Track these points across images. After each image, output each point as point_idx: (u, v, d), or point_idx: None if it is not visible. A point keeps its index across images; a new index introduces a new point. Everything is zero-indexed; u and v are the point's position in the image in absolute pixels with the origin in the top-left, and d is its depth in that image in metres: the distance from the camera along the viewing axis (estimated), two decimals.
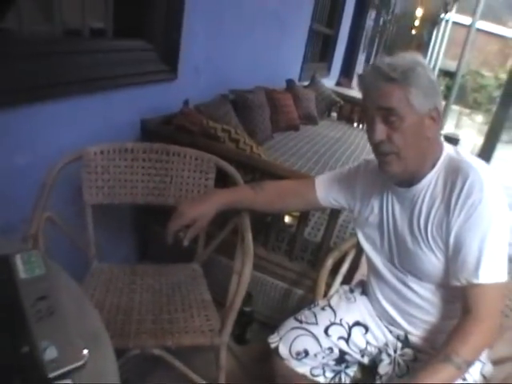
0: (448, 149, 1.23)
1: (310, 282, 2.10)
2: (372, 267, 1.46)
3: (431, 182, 1.21)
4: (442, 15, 14.50)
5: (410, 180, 1.24)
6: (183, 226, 1.46)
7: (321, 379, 1.48)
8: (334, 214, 1.95)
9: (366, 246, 1.44)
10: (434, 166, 1.21)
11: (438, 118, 1.17)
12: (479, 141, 6.01)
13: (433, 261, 1.22)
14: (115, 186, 1.78)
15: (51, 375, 0.70)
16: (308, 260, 2.14)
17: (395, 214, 1.32)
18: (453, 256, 1.16)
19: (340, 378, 1.50)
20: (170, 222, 1.46)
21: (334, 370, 1.49)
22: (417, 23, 14.40)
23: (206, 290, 1.75)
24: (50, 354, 0.73)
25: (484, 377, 1.31)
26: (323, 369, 1.48)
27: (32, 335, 0.77)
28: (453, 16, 14.77)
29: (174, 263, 1.91)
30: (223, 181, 1.87)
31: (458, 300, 1.19)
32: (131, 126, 2.20)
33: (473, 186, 1.11)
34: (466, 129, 14.19)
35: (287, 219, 2.22)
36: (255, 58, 3.78)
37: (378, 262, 1.40)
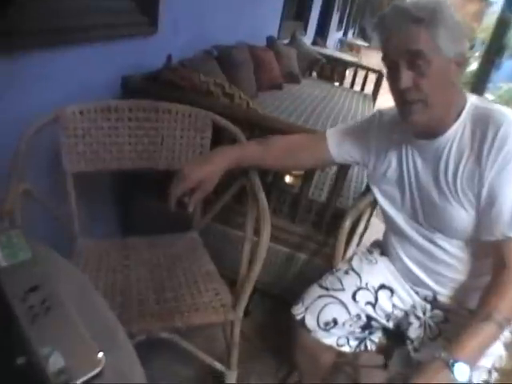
0: (471, 97, 1.16)
1: (315, 245, 1.99)
2: (392, 226, 1.37)
3: (457, 132, 1.13)
4: None
5: (433, 131, 1.16)
6: (187, 190, 1.31)
7: (345, 348, 1.41)
8: (343, 171, 1.81)
9: (385, 204, 1.35)
10: (458, 115, 1.13)
11: (464, 63, 1.10)
12: None
13: (463, 215, 1.14)
14: (98, 150, 1.58)
15: None
16: (312, 222, 1.99)
17: (417, 168, 1.24)
18: (486, 209, 1.10)
19: (366, 345, 1.44)
20: (173, 187, 1.31)
21: (357, 338, 1.42)
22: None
23: (209, 261, 1.60)
24: (56, 362, 0.55)
25: None
26: (347, 337, 1.40)
27: (28, 340, 0.58)
28: None
29: (167, 234, 1.74)
30: (220, 140, 1.70)
31: (488, 256, 1.13)
32: (110, 85, 1.96)
33: (506, 134, 1.05)
34: None
35: (288, 179, 2.07)
36: (234, 14, 3.61)
37: (400, 219, 1.32)
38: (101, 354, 0.58)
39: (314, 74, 5.76)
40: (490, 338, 1.03)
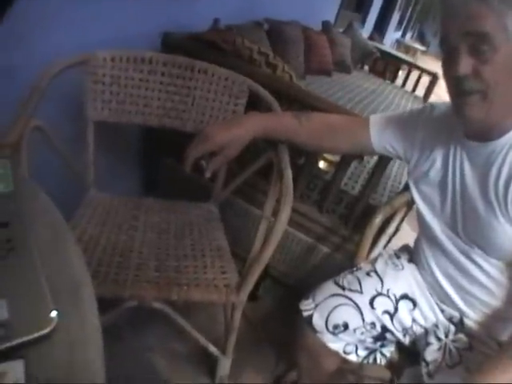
0: None
1: (339, 239, 1.87)
2: (426, 232, 1.23)
3: None
4: None
5: (489, 133, 1.02)
6: (207, 153, 1.20)
7: (352, 357, 1.28)
8: (382, 164, 1.67)
9: (422, 207, 1.21)
10: None
11: None
12: None
13: (509, 234, 1.01)
14: (125, 101, 1.50)
15: None
16: (340, 214, 1.87)
17: (464, 172, 1.10)
18: None
19: (375, 358, 1.30)
20: (192, 147, 1.21)
21: (367, 348, 1.29)
22: None
23: (222, 236, 1.50)
24: None
25: None
26: (356, 346, 1.27)
27: None
28: None
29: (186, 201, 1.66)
30: (254, 110, 1.56)
31: None
32: (150, 39, 1.88)
33: None
34: None
35: (322, 164, 1.95)
36: None
37: (436, 226, 1.18)
38: (54, 314, 0.48)
39: (366, 67, 5.60)
40: None
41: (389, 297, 1.24)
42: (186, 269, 1.29)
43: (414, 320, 1.25)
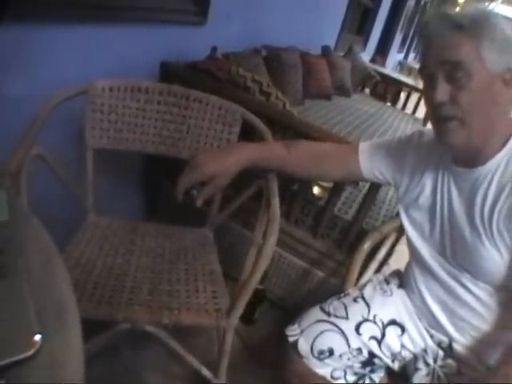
0: None
1: (334, 263, 1.89)
2: (416, 257, 1.24)
3: (500, 163, 1.02)
4: (487, 4, 14.08)
5: (474, 158, 1.05)
6: (198, 183, 1.23)
7: (341, 382, 1.28)
8: (373, 189, 1.70)
9: (412, 233, 1.23)
10: (504, 144, 1.02)
11: None
12: None
13: (495, 258, 1.02)
14: (123, 129, 1.55)
15: None
16: (334, 239, 1.90)
17: (452, 198, 1.12)
18: None
19: None
20: (183, 176, 1.24)
21: (356, 373, 1.29)
22: (458, 9, 14.04)
23: (215, 260, 1.53)
24: None
25: None
26: (345, 371, 1.28)
27: None
28: (498, 7, 14.32)
29: (183, 226, 1.69)
30: (248, 138, 1.62)
31: None
32: (149, 67, 1.96)
33: None
34: None
35: (316, 190, 1.98)
36: (292, 16, 3.58)
37: (425, 251, 1.20)
38: (38, 337, 0.51)
39: (367, 90, 5.66)
40: None
41: (375, 323, 1.25)
42: (178, 293, 1.32)
43: (402, 345, 1.26)
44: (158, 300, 1.27)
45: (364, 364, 1.27)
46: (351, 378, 1.28)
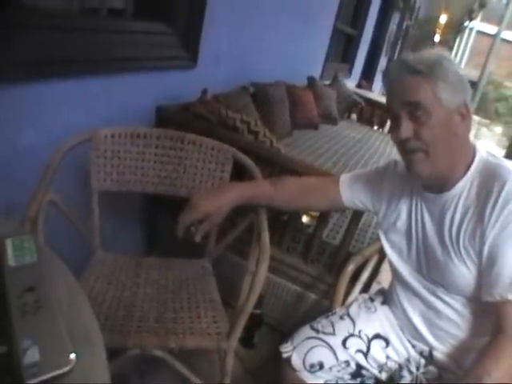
0: (482, 152, 1.16)
1: (325, 286, 2.01)
2: (398, 276, 1.36)
3: (464, 188, 1.13)
4: (466, 23, 14.33)
5: (441, 185, 1.16)
6: (195, 221, 1.36)
7: None
8: (356, 216, 1.84)
9: (392, 254, 1.35)
10: (467, 170, 1.13)
11: (468, 114, 1.10)
12: (498, 152, 5.86)
13: (464, 273, 1.13)
14: (125, 172, 1.68)
15: (30, 382, 0.59)
16: (324, 263, 2.03)
17: (424, 221, 1.23)
18: (486, 269, 1.08)
19: None
20: (182, 216, 1.36)
21: None
22: (440, 30, 14.26)
23: (215, 289, 1.65)
24: (31, 356, 0.62)
25: None
26: (337, 382, 1.38)
27: (13, 333, 0.65)
28: (477, 24, 14.61)
29: (183, 258, 1.81)
30: (239, 174, 1.77)
31: (491, 316, 1.09)
32: (146, 112, 2.11)
33: (510, 193, 1.03)
34: (485, 140, 13.96)
35: (305, 219, 2.11)
36: (278, 52, 3.72)
37: (405, 271, 1.31)
38: (73, 356, 0.64)
39: (354, 116, 5.78)
40: None
41: (360, 337, 1.35)
42: (182, 319, 1.44)
43: (387, 356, 1.35)
44: (165, 326, 1.39)
45: (353, 375, 1.37)
46: None
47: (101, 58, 1.75)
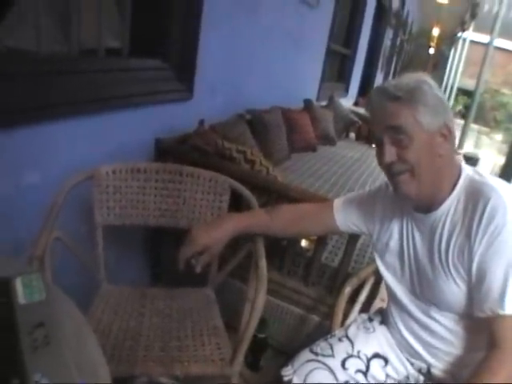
0: (467, 170, 1.19)
1: (327, 308, 2.03)
2: (393, 296, 1.39)
3: (451, 206, 1.16)
4: (459, 34, 14.50)
5: (429, 205, 1.19)
6: (195, 253, 1.42)
7: None
8: (353, 238, 1.89)
9: (387, 275, 1.38)
10: (453, 189, 1.16)
11: (450, 134, 1.13)
12: (499, 160, 5.89)
13: (455, 290, 1.16)
14: (127, 206, 1.74)
15: None
16: (325, 285, 2.07)
17: (415, 241, 1.27)
18: (476, 285, 1.10)
19: None
20: (182, 249, 1.42)
21: None
22: (434, 42, 14.41)
23: (218, 317, 1.69)
24: None
25: None
26: None
27: (25, 366, 0.71)
28: (470, 35, 14.76)
29: (186, 286, 1.85)
30: (237, 203, 1.83)
31: (484, 331, 1.11)
32: (145, 145, 2.17)
33: (495, 209, 1.05)
34: (486, 148, 14.01)
35: (304, 243, 2.15)
36: (272, 78, 3.78)
37: (399, 291, 1.34)
38: None
39: (353, 134, 5.80)
40: None
41: (359, 357, 1.38)
42: (186, 347, 1.49)
43: (387, 375, 1.38)
44: (170, 355, 1.44)
45: None
46: None
47: (101, 97, 1.83)
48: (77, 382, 0.70)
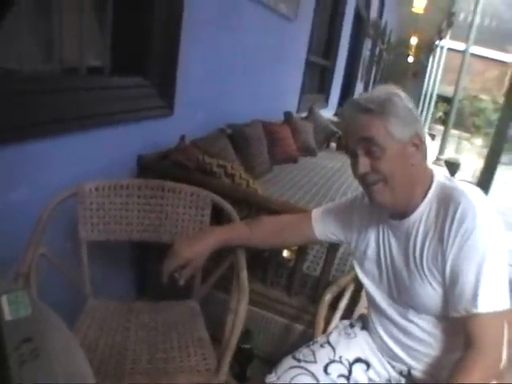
0: (439, 176, 1.23)
1: (310, 317, 2.05)
2: (372, 302, 1.43)
3: (424, 212, 1.20)
4: (437, 42, 14.75)
5: (403, 212, 1.23)
6: (178, 266, 1.45)
7: None
8: (333, 247, 1.93)
9: (365, 281, 1.42)
10: (425, 195, 1.20)
11: (421, 143, 1.17)
12: (480, 164, 6.02)
13: (430, 293, 1.20)
14: (110, 222, 1.77)
15: None
16: (307, 295, 2.11)
17: (391, 247, 1.31)
18: (450, 287, 1.14)
19: None
20: (165, 263, 1.45)
21: None
22: (412, 51, 14.63)
23: (203, 328, 1.72)
24: None
25: None
26: None
27: (12, 381, 0.74)
28: (447, 42, 15.01)
29: (171, 299, 1.88)
30: (219, 217, 1.86)
31: (461, 332, 1.15)
32: (128, 162, 2.20)
33: (465, 213, 1.10)
34: (467, 153, 14.21)
35: (286, 253, 2.19)
36: (253, 92, 3.82)
37: (378, 296, 1.38)
38: None
39: (334, 145, 5.86)
40: None
41: (341, 362, 1.42)
42: (173, 359, 1.51)
43: (369, 379, 1.42)
44: (156, 367, 1.46)
45: None
46: None
47: (83, 115, 1.85)
48: None
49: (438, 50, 15.60)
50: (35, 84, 1.68)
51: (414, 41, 14.25)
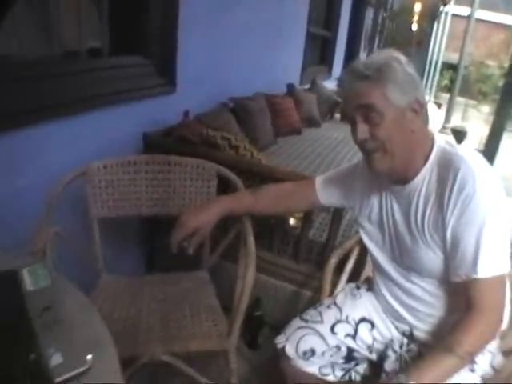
0: (440, 141, 1.23)
1: (318, 282, 2.09)
2: (376, 265, 1.46)
3: (425, 177, 1.20)
4: (441, 8, 14.45)
5: (404, 177, 1.24)
6: (186, 236, 1.48)
7: (330, 378, 1.48)
8: (338, 212, 1.97)
9: (370, 245, 1.45)
10: (426, 160, 1.20)
11: (421, 109, 1.16)
12: (487, 132, 5.95)
13: (432, 258, 1.22)
14: (120, 199, 1.82)
15: (57, 380, 0.74)
16: (314, 261, 2.15)
17: (394, 212, 1.33)
18: (451, 252, 1.16)
19: (350, 376, 1.50)
20: (173, 233, 1.48)
21: (343, 369, 1.50)
22: (416, 18, 14.37)
23: (213, 296, 1.77)
24: (56, 360, 0.77)
25: (494, 368, 1.30)
26: (332, 367, 1.49)
27: (38, 343, 0.80)
28: (452, 8, 14.70)
29: (181, 271, 1.93)
30: (225, 188, 1.90)
31: (463, 293, 1.16)
32: (133, 140, 2.25)
33: (465, 179, 1.10)
34: (474, 120, 13.96)
35: (292, 221, 2.22)
36: (254, 65, 3.82)
37: (382, 259, 1.41)
38: (89, 356, 0.79)
39: (338, 115, 5.75)
40: (449, 369, 1.09)
41: (348, 322, 1.46)
42: (185, 326, 1.57)
43: (374, 338, 1.46)
44: (169, 334, 1.52)
45: (346, 359, 1.48)
46: (339, 373, 1.49)
47: (86, 97, 1.90)
48: (86, 353, 0.79)
49: (443, 16, 15.31)
50: (36, 69, 1.72)
51: (417, 7, 13.98)
